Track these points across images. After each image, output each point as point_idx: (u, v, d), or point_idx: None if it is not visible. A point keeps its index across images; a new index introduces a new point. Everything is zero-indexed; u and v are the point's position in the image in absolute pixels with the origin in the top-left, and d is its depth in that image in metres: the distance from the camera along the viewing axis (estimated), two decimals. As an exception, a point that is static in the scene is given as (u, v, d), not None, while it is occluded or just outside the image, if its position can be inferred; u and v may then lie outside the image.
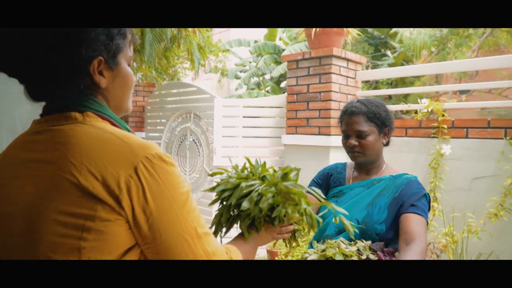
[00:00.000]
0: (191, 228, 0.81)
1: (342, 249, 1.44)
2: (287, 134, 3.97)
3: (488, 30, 7.75)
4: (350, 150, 1.68)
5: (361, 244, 1.50)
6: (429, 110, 3.37)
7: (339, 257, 1.43)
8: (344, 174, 1.82)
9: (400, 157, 3.44)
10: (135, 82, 6.06)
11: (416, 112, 3.68)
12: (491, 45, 8.65)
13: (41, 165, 0.79)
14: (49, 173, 0.77)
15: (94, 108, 0.86)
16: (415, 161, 3.35)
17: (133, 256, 0.79)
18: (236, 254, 0.96)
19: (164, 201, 0.78)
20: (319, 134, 3.66)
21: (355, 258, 1.42)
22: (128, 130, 0.89)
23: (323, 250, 1.49)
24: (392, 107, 4.13)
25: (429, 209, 1.60)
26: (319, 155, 3.65)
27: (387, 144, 1.73)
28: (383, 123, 1.64)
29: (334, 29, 3.60)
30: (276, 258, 3.65)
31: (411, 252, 1.38)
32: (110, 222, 0.74)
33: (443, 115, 3.22)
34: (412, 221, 1.51)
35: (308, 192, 1.21)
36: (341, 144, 1.75)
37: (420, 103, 3.44)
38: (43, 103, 0.90)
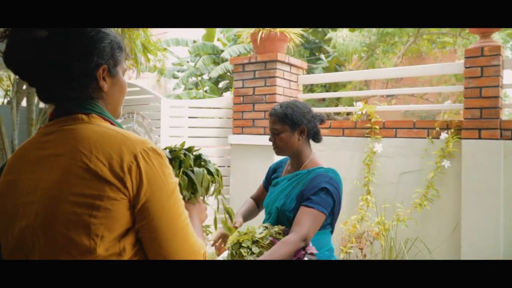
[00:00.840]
0: (176, 214, 0.94)
1: (254, 235, 1.76)
2: (234, 134, 4.17)
3: (412, 38, 8.45)
4: (272, 145, 1.99)
5: (275, 229, 1.82)
6: (363, 112, 3.73)
7: (247, 243, 1.73)
8: (283, 167, 2.12)
9: (338, 155, 3.76)
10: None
11: (348, 114, 4.04)
12: (414, 52, 9.40)
13: (55, 158, 0.92)
14: (62, 163, 0.90)
15: (97, 111, 1.01)
16: (351, 158, 3.69)
17: (130, 236, 0.92)
18: (201, 241, 1.09)
19: (157, 185, 0.92)
20: (264, 134, 3.90)
21: (262, 242, 1.74)
22: (122, 128, 1.05)
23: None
24: (328, 109, 4.48)
25: (334, 201, 1.82)
26: (264, 154, 3.89)
27: (316, 140, 2.02)
28: (294, 123, 1.89)
29: (278, 35, 3.86)
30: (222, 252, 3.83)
31: (280, 243, 1.68)
32: (116, 201, 0.88)
33: (369, 116, 3.60)
34: (301, 213, 1.76)
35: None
36: None
37: (355, 106, 3.79)
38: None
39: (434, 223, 3.28)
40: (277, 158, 3.91)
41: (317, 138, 2.01)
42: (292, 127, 1.90)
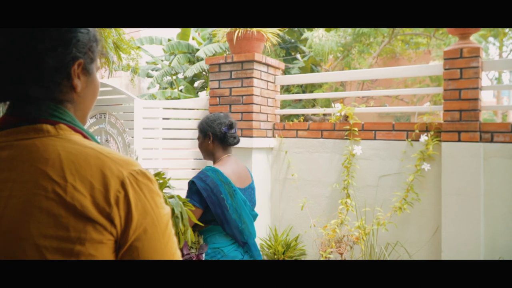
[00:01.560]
0: (170, 254, 0.78)
1: None
2: (210, 136, 4.05)
3: (386, 39, 8.50)
4: None
5: None
6: (342, 113, 3.67)
7: None
8: None
9: (317, 157, 3.69)
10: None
11: (324, 114, 3.98)
12: (389, 53, 9.46)
13: (14, 185, 0.71)
14: (26, 193, 0.70)
15: (67, 119, 0.79)
16: (330, 161, 3.62)
17: None
18: None
19: (148, 219, 0.74)
20: (242, 136, 3.79)
21: None
22: (98, 143, 0.84)
23: None
24: (306, 111, 4.41)
25: (202, 196, 2.03)
26: (242, 156, 3.78)
27: (227, 143, 2.26)
28: (202, 131, 2.30)
29: (255, 34, 3.76)
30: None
31: None
32: (101, 244, 0.70)
33: (348, 118, 3.54)
34: None
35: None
36: (262, 146, 2.19)
37: (334, 107, 3.72)
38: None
39: (414, 227, 3.24)
40: (256, 160, 3.82)
41: (226, 141, 2.26)
42: (201, 133, 2.30)
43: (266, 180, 3.95)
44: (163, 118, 4.45)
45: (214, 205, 2.01)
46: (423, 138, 3.15)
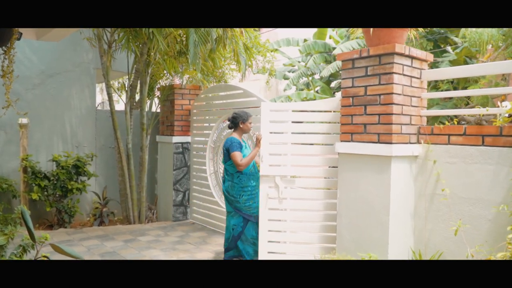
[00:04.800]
0: None
1: None
2: (342, 141, 3.58)
3: None
4: None
5: None
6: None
7: None
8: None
9: (476, 169, 2.96)
10: (182, 85, 5.78)
11: (483, 115, 3.19)
12: None
13: None
14: None
15: None
16: (495, 175, 2.86)
17: None
18: None
19: None
20: (379, 142, 3.24)
21: None
22: None
23: None
24: (460, 111, 3.62)
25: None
26: (379, 165, 3.23)
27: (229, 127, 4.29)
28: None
29: (396, 23, 3.18)
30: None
31: None
32: None
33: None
34: None
35: None
36: (404, 153, 2.31)
37: (501, 106, 2.94)
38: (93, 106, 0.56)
39: None
40: (395, 172, 3.25)
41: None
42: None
43: (409, 194, 3.33)
44: (293, 122, 4.11)
45: None
46: None
